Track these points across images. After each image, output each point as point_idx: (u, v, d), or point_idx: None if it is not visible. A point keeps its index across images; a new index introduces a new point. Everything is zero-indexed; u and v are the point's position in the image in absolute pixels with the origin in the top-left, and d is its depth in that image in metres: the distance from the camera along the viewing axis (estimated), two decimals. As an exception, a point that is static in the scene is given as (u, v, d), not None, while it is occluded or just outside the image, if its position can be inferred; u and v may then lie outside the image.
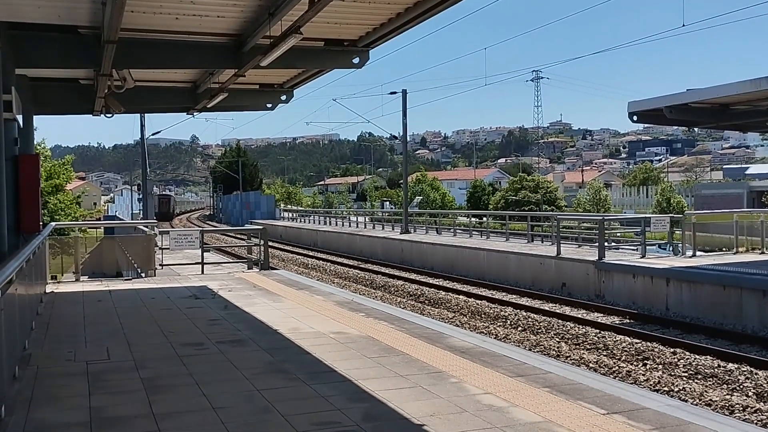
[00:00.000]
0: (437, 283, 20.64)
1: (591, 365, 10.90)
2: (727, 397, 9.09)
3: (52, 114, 17.91)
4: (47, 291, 11.98)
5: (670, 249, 19.29)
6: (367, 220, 43.32)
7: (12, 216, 11.02)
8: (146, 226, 16.63)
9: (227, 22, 10.44)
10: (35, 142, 16.49)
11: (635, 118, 17.02)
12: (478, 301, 17.12)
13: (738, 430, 4.72)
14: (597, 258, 17.09)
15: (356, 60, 11.82)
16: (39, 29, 10.17)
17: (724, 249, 18.44)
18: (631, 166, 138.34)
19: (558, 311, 15.31)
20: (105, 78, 11.71)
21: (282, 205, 76.60)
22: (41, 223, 12.37)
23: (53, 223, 16.34)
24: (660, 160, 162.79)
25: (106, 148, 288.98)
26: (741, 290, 13.20)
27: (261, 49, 10.44)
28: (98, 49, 10.08)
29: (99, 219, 42.32)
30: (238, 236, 38.43)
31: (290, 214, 61.75)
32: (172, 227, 77.59)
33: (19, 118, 10.91)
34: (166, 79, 14.81)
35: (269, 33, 9.67)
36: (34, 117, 14.12)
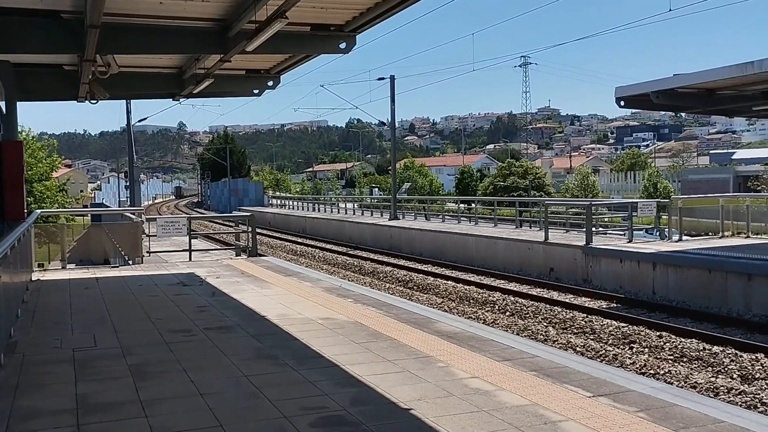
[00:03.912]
0: (426, 269, 20.68)
1: (578, 349, 10.98)
2: (712, 379, 9.18)
3: (36, 100, 17.65)
4: (33, 279, 11.90)
5: (657, 234, 19.43)
6: (355, 206, 43.27)
7: (-4, 203, 10.94)
8: (133, 214, 16.54)
9: (212, 7, 10.32)
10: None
11: (622, 103, 17.03)
12: (467, 287, 17.17)
13: (722, 411, 4.76)
14: (584, 243, 17.17)
15: (343, 45, 11.72)
16: (21, 14, 10.02)
17: (710, 233, 18.59)
18: (618, 152, 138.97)
19: (546, 296, 15.39)
20: (89, 64, 11.55)
21: (270, 192, 76.41)
22: (26, 211, 12.27)
23: (38, 211, 16.24)
24: (647, 146, 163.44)
25: (93, 135, 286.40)
26: (726, 274, 13.31)
27: (246, 35, 10.33)
28: (81, 35, 9.94)
29: (86, 206, 42.04)
30: (226, 223, 38.28)
31: (279, 201, 61.60)
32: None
33: (2, 104, 10.79)
34: (151, 64, 14.65)
35: (254, 18, 9.57)
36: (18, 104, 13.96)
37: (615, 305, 14.29)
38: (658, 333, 11.47)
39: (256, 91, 15.86)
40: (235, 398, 5.16)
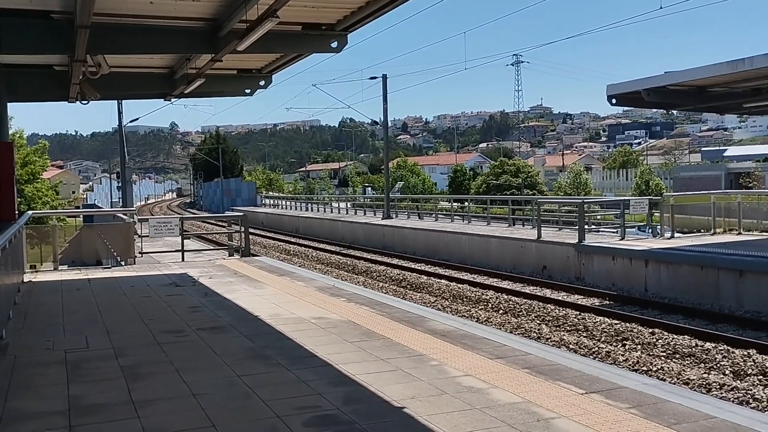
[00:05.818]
0: (419, 268, 20.68)
1: (571, 346, 10.99)
2: (705, 375, 9.22)
3: (27, 101, 17.58)
4: (25, 280, 11.84)
5: (649, 231, 19.48)
6: (348, 205, 43.22)
7: (-13, 205, 10.88)
8: (125, 214, 16.49)
9: (202, 7, 10.29)
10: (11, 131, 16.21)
11: (614, 101, 17.08)
12: (460, 285, 17.19)
13: (714, 407, 4.77)
14: (577, 241, 17.20)
15: (334, 44, 11.71)
16: (9, 14, 9.97)
17: (702, 230, 18.64)
18: (611, 150, 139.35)
19: (539, 294, 15.42)
20: (79, 64, 11.51)
21: (263, 191, 76.30)
22: (17, 212, 12.22)
23: (30, 212, 16.16)
24: (639, 143, 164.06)
25: (84, 136, 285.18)
26: (718, 270, 13.37)
27: (237, 34, 10.32)
28: (71, 35, 9.90)
29: (78, 207, 41.88)
30: (219, 223, 38.21)
31: (272, 201, 61.50)
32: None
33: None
34: (142, 64, 14.61)
35: (245, 17, 9.55)
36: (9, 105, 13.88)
37: (608, 302, 14.33)
38: (650, 330, 11.51)
39: (247, 91, 15.83)
40: (228, 398, 5.15)
